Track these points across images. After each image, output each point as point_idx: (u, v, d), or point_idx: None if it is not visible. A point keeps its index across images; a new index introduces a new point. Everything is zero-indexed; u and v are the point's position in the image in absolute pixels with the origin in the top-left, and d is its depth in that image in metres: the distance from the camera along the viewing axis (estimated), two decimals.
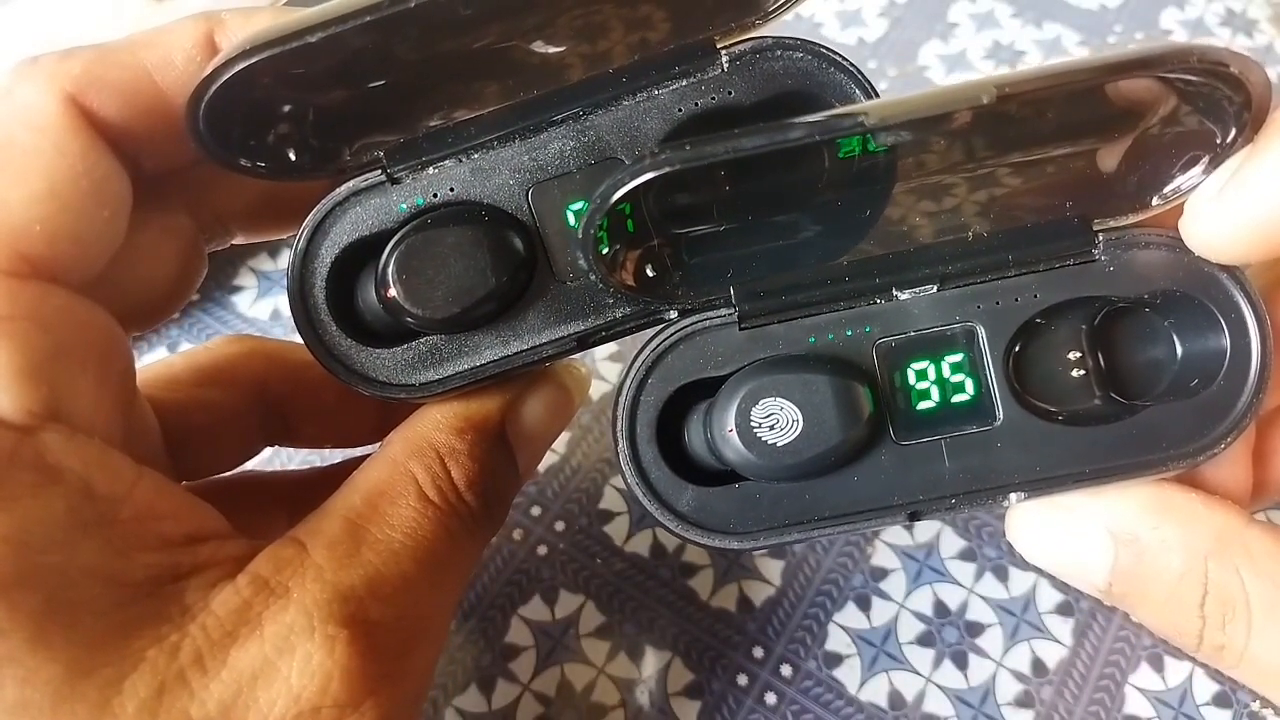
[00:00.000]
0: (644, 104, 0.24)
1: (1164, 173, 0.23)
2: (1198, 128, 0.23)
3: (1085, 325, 0.25)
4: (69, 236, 0.21)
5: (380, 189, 0.24)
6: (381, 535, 0.22)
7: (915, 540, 0.35)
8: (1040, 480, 0.23)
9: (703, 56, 0.24)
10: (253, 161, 0.24)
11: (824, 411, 0.23)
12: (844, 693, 0.32)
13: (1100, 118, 0.23)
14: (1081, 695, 0.32)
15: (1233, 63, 0.21)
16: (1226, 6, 0.49)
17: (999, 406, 0.24)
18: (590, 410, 0.38)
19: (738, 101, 0.24)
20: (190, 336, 0.40)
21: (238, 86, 0.22)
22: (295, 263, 0.24)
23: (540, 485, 0.36)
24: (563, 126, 0.24)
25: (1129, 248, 0.24)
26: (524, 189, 0.24)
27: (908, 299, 0.24)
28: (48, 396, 0.20)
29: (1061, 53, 0.48)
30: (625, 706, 0.32)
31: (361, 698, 0.20)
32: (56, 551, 0.19)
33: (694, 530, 0.24)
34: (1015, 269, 0.24)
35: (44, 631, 0.19)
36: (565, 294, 0.24)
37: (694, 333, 0.24)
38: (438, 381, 0.24)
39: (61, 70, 0.22)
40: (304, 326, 0.24)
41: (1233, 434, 0.23)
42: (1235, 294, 0.23)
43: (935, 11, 0.50)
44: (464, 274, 0.23)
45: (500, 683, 0.33)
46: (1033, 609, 0.34)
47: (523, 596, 0.34)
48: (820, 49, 0.24)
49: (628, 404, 0.24)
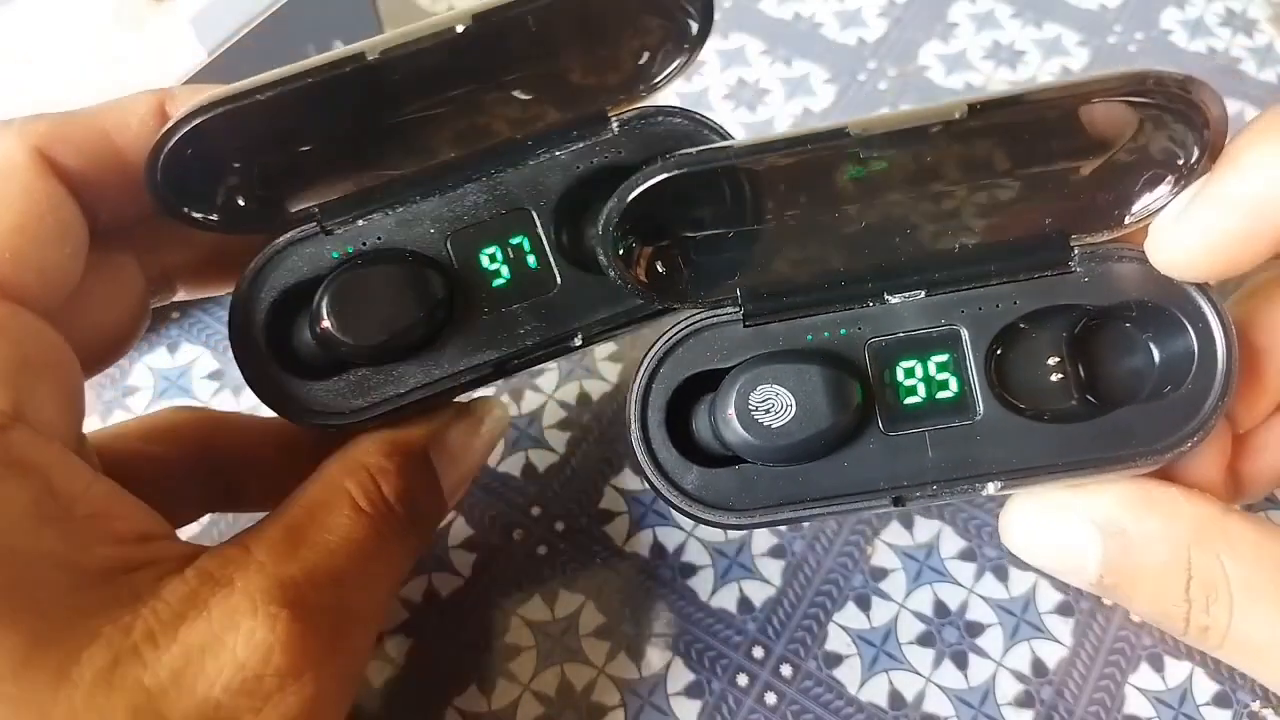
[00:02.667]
0: (548, 163, 0.28)
1: (1135, 193, 0.25)
2: (1163, 151, 0.25)
3: (1064, 332, 0.26)
4: (34, 266, 0.24)
5: (315, 239, 0.27)
6: (318, 537, 0.25)
7: (915, 540, 0.35)
8: (1016, 471, 0.25)
9: (597, 123, 0.28)
10: (203, 214, 0.26)
11: (815, 398, 0.25)
12: (844, 693, 0.32)
13: (1072, 140, 0.25)
14: (1081, 695, 0.32)
15: (1190, 88, 0.23)
16: (1226, 6, 0.49)
17: (979, 403, 0.26)
18: (590, 410, 0.38)
19: (627, 159, 0.28)
20: (190, 336, 0.41)
21: (191, 141, 0.25)
22: (236, 306, 0.27)
23: (540, 485, 0.36)
24: (477, 183, 0.28)
25: (1103, 261, 0.26)
26: (443, 236, 0.28)
27: (898, 303, 0.26)
28: (15, 400, 0.23)
29: (1062, 53, 0.48)
30: (625, 706, 0.32)
31: (301, 669, 0.22)
32: (20, 536, 0.21)
33: (697, 506, 0.26)
34: (997, 278, 0.26)
35: (8, 606, 0.21)
36: (481, 326, 0.27)
37: (702, 328, 0.26)
38: (368, 408, 0.27)
39: (30, 128, 0.25)
40: (245, 363, 0.27)
41: (1200, 433, 0.25)
42: (1202, 304, 0.25)
43: (935, 12, 0.50)
44: (389, 307, 0.26)
45: (500, 682, 0.33)
46: (1033, 609, 0.34)
47: (523, 596, 0.34)
48: (695, 115, 0.28)
49: (640, 391, 0.26)
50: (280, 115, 0.26)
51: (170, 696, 0.21)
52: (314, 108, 0.26)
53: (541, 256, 0.28)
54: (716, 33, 0.49)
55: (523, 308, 0.28)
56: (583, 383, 0.39)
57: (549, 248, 0.28)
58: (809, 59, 0.48)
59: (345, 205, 0.27)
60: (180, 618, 0.22)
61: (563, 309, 0.28)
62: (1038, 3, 0.50)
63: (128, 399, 0.39)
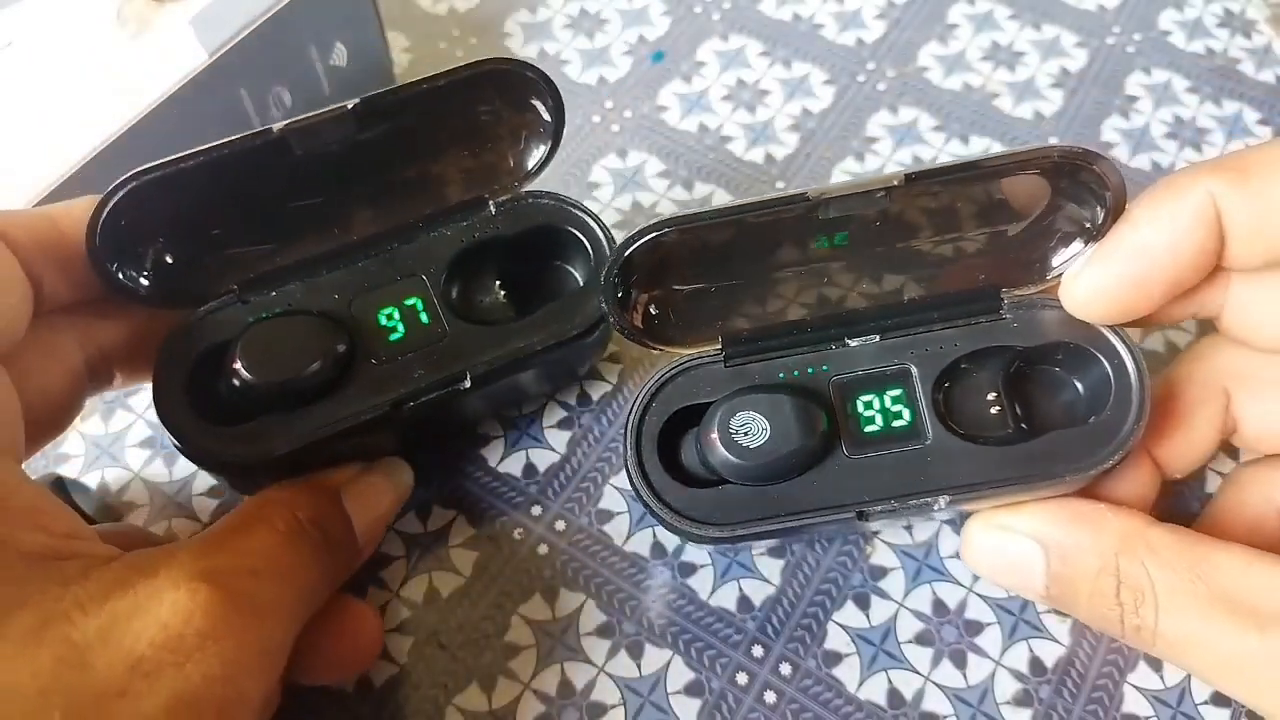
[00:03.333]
0: (437, 238, 0.34)
1: (1053, 250, 0.30)
2: (1074, 215, 0.29)
3: (999, 369, 0.31)
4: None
5: (233, 306, 0.32)
6: (237, 544, 0.27)
7: (914, 540, 0.35)
8: (961, 488, 0.29)
9: (478, 206, 0.34)
10: (135, 279, 0.31)
11: (787, 422, 0.29)
12: (843, 691, 0.32)
13: (999, 207, 0.30)
14: (1080, 694, 0.32)
15: (1090, 159, 0.27)
16: (1225, 7, 0.50)
17: (929, 430, 0.30)
18: (590, 410, 0.38)
19: (504, 234, 0.34)
20: None
21: (127, 201, 0.29)
22: (159, 368, 0.30)
23: (540, 485, 0.36)
24: (377, 257, 0.33)
25: (1030, 308, 0.30)
26: (347, 300, 0.32)
27: (857, 345, 0.31)
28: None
29: (1060, 54, 0.48)
30: (625, 705, 0.32)
31: (221, 634, 0.24)
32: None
33: (684, 521, 0.29)
34: (941, 324, 0.31)
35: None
36: (377, 373, 0.32)
37: (689, 368, 0.31)
38: (281, 445, 0.30)
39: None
40: (167, 418, 0.30)
41: (1120, 453, 0.28)
42: (1115, 342, 0.29)
43: (934, 13, 0.50)
44: (294, 351, 0.31)
45: (501, 681, 0.33)
46: (1031, 608, 0.34)
47: (523, 595, 0.34)
48: (561, 198, 0.34)
49: (635, 420, 0.30)
50: (203, 182, 0.30)
51: (96, 650, 0.23)
52: (233, 177, 0.31)
53: (433, 313, 0.33)
54: (716, 34, 0.49)
55: (416, 355, 0.32)
56: (583, 383, 0.39)
57: (439, 305, 0.33)
58: (808, 60, 0.48)
59: (261, 281, 0.32)
60: (107, 595, 0.24)
61: (452, 355, 0.32)
62: (1036, 4, 0.50)
63: (129, 399, 0.39)
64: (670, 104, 0.47)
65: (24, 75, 0.38)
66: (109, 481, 0.37)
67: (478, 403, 0.35)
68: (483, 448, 0.37)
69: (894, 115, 0.46)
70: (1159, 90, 0.47)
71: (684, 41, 0.49)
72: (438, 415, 0.33)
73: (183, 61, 0.38)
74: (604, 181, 0.44)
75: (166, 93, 0.37)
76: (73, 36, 0.39)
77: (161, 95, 0.37)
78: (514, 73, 0.32)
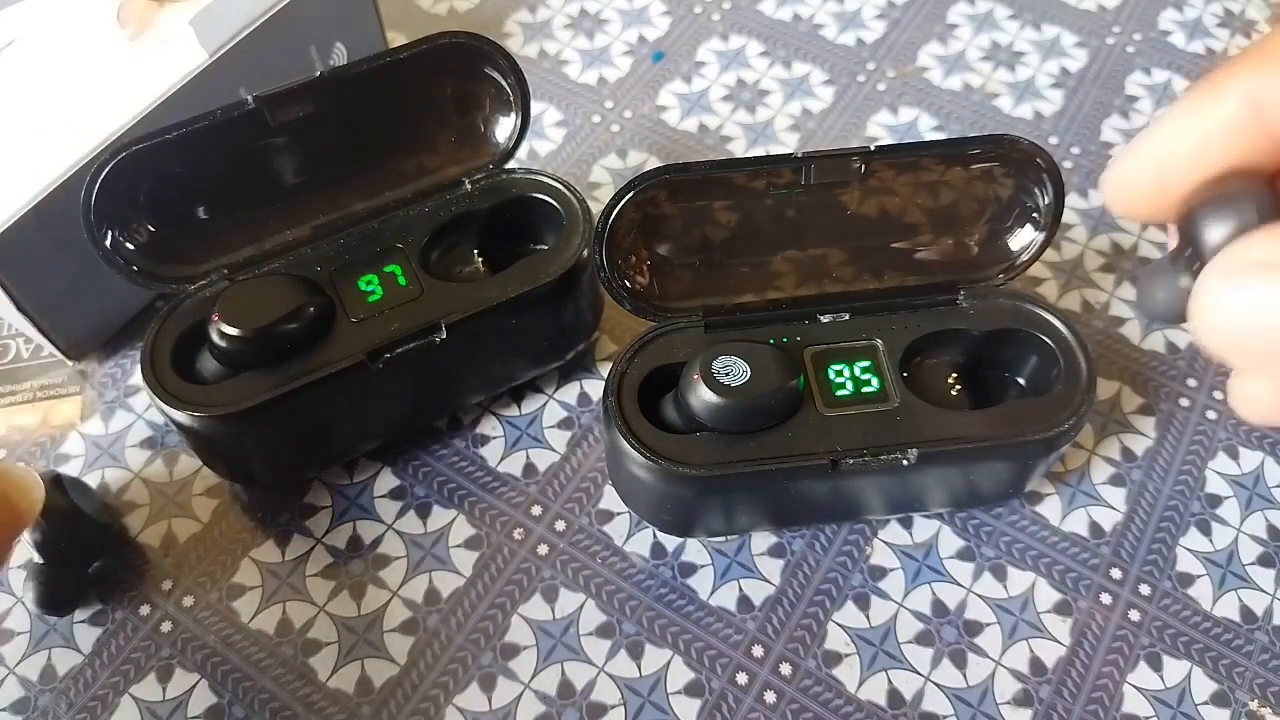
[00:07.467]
0: (416, 214, 0.36)
1: (1006, 242, 0.34)
2: (1022, 206, 0.33)
3: (958, 349, 0.34)
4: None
5: (219, 285, 0.34)
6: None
7: (914, 540, 0.35)
8: (929, 442, 0.31)
9: (455, 185, 0.36)
10: (127, 259, 0.33)
11: (767, 366, 0.31)
12: (843, 691, 0.32)
13: (953, 201, 0.34)
14: (1080, 694, 0.32)
15: (1019, 142, 0.30)
16: (1225, 7, 0.50)
17: (895, 394, 0.32)
18: (590, 410, 0.38)
19: (479, 208, 0.36)
20: None
21: (119, 169, 0.31)
22: (148, 345, 0.32)
23: (540, 485, 0.36)
24: (358, 230, 0.35)
25: (983, 296, 0.34)
26: (329, 271, 0.34)
27: (828, 321, 0.34)
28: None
29: (1060, 54, 0.48)
30: (625, 705, 0.32)
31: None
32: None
33: (663, 460, 0.30)
34: (904, 308, 0.34)
35: None
36: (353, 328, 0.33)
37: (671, 331, 0.33)
38: (263, 392, 0.31)
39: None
40: (153, 383, 0.32)
41: (1074, 419, 0.31)
42: (1058, 324, 0.33)
43: (934, 13, 0.50)
44: (273, 304, 0.32)
45: (501, 681, 0.33)
46: (1031, 608, 0.34)
47: (523, 595, 0.34)
48: (538, 172, 0.37)
49: (618, 374, 0.32)
50: (189, 157, 0.32)
51: None
52: (217, 152, 0.33)
53: (411, 277, 0.34)
54: (716, 34, 0.49)
55: (393, 311, 0.33)
56: (582, 383, 0.39)
57: (418, 270, 0.34)
58: (808, 60, 0.48)
59: (250, 263, 0.34)
60: None
61: (429, 310, 0.33)
62: (1036, 4, 0.50)
63: (130, 399, 0.39)
64: (670, 104, 0.47)
65: (25, 75, 0.38)
66: (109, 481, 0.37)
67: (460, 367, 0.35)
68: (483, 448, 0.37)
69: (894, 115, 0.46)
70: (1159, 90, 0.47)
71: (684, 41, 0.49)
72: (424, 381, 0.35)
73: (183, 61, 0.38)
74: (604, 181, 0.44)
75: (166, 93, 0.37)
76: (73, 36, 0.39)
77: (161, 95, 0.37)
78: (469, 45, 0.34)
